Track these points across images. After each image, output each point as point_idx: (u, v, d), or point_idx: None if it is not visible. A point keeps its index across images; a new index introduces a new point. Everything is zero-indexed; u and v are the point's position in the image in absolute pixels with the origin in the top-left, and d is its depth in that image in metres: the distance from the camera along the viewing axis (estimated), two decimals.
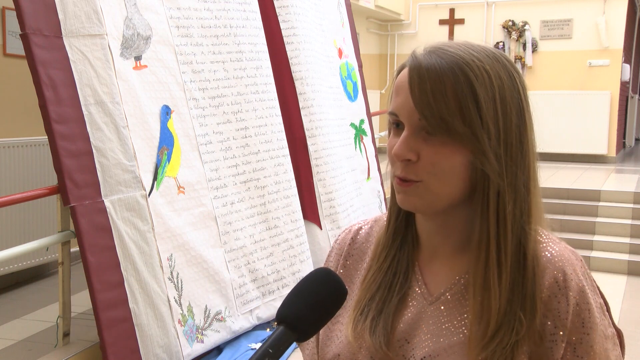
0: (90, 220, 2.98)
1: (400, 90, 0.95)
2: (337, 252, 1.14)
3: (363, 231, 1.13)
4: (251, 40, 4.08)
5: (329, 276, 0.89)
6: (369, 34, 10.20)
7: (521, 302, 0.92)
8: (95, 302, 2.94)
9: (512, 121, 0.93)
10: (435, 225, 1.01)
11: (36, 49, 2.91)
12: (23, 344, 3.58)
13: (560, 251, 0.97)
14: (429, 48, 0.94)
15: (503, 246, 0.93)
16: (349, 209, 4.83)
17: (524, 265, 0.94)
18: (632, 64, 11.25)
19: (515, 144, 0.93)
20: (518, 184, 0.94)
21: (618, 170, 8.76)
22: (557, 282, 0.94)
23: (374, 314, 1.00)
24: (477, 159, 0.91)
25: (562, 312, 0.93)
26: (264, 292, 3.88)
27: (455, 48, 0.93)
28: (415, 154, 0.93)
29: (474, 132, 0.90)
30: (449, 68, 0.90)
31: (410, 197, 0.95)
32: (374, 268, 1.05)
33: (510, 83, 0.94)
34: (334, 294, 0.88)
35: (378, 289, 1.02)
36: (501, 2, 10.00)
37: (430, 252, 1.03)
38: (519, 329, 0.91)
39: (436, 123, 0.90)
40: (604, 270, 5.80)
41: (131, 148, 3.18)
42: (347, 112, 5.25)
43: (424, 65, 0.91)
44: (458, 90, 0.90)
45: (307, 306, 0.85)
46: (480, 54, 0.93)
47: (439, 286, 1.00)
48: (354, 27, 5.79)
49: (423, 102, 0.90)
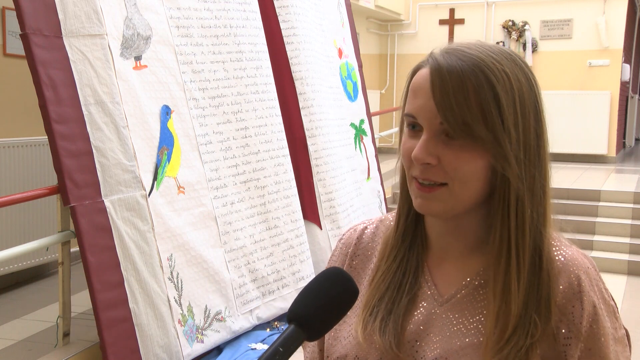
0: (90, 220, 2.98)
1: (419, 91, 0.93)
2: (342, 252, 1.13)
3: (369, 231, 1.12)
4: (251, 40, 4.08)
5: (341, 275, 0.89)
6: (369, 34, 10.20)
7: (536, 305, 0.92)
8: (95, 302, 2.94)
9: (531, 124, 0.92)
10: (447, 227, 1.00)
11: (36, 49, 2.91)
12: (23, 344, 3.58)
13: (573, 255, 0.97)
14: (447, 50, 0.93)
15: (521, 250, 0.92)
16: (349, 209, 4.83)
17: (539, 268, 0.93)
18: (632, 64, 11.25)
19: (533, 146, 0.93)
20: (536, 187, 0.94)
21: (618, 170, 8.76)
22: (572, 286, 0.93)
23: (383, 314, 0.99)
24: (499, 163, 0.90)
25: (577, 317, 0.92)
26: (264, 292, 3.88)
27: (474, 49, 0.92)
28: (435, 158, 0.91)
29: (495, 137, 0.89)
30: (471, 70, 0.89)
31: (431, 202, 0.94)
32: (382, 268, 1.04)
33: (527, 85, 0.93)
34: (345, 293, 0.87)
35: (387, 290, 1.01)
36: (501, 2, 10.00)
37: (440, 253, 1.02)
38: (533, 332, 0.90)
39: (458, 127, 0.89)
40: (604, 270, 5.79)
41: (131, 148, 3.18)
42: (347, 112, 5.25)
43: (445, 67, 0.90)
44: (480, 94, 0.88)
45: (319, 305, 0.84)
46: (499, 56, 0.92)
47: (449, 287, 1.00)
48: (354, 27, 5.79)
49: (445, 105, 0.89)
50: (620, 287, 5.38)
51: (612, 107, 9.53)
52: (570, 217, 6.44)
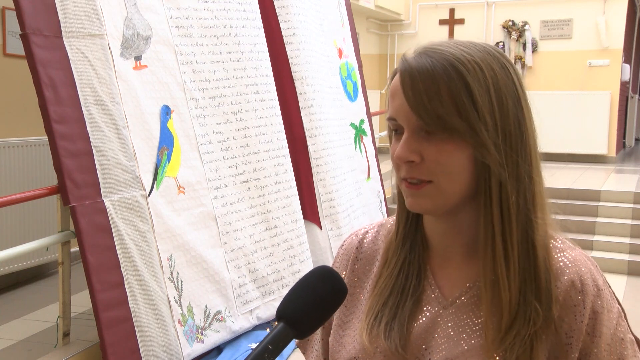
0: (90, 220, 2.98)
1: (395, 94, 0.95)
2: (344, 258, 1.13)
3: (370, 235, 1.12)
4: (251, 40, 4.08)
5: (329, 274, 0.89)
6: (369, 34, 10.20)
7: (535, 292, 0.92)
8: (95, 302, 2.94)
9: (510, 110, 0.93)
10: (444, 226, 1.00)
11: (36, 49, 2.91)
12: (23, 344, 3.58)
13: (576, 257, 0.97)
14: (419, 49, 0.95)
15: (509, 237, 0.92)
16: (349, 209, 4.83)
17: (534, 255, 0.93)
18: (632, 64, 11.25)
19: (514, 132, 0.93)
20: (520, 173, 0.93)
21: (618, 170, 8.76)
22: (575, 286, 0.94)
23: (387, 318, 0.99)
24: (478, 151, 0.91)
25: (579, 316, 0.93)
26: (264, 292, 3.88)
27: (445, 46, 0.93)
28: (418, 155, 0.92)
29: (471, 126, 0.90)
30: (440, 66, 0.90)
31: (420, 199, 0.95)
32: (385, 275, 1.04)
33: (503, 73, 0.93)
34: (334, 291, 0.88)
35: (390, 294, 1.01)
36: (501, 2, 10.00)
37: (441, 254, 1.02)
38: (535, 319, 0.91)
39: (433, 122, 0.90)
40: (604, 270, 5.75)
41: (131, 148, 3.18)
42: (347, 112, 5.25)
43: (414, 67, 0.91)
44: (451, 87, 0.89)
45: (307, 303, 0.85)
46: (470, 49, 0.93)
47: (453, 290, 1.00)
48: (354, 27, 5.79)
49: (418, 103, 0.90)
50: (620, 287, 5.38)
51: (612, 107, 9.53)
52: (570, 217, 6.44)
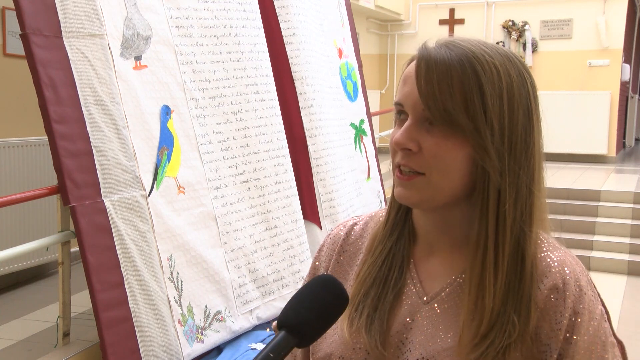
0: (90, 220, 2.98)
1: (407, 80, 0.94)
2: (330, 247, 1.13)
3: (358, 227, 1.12)
4: (251, 40, 4.08)
5: (332, 282, 0.89)
6: (369, 34, 10.20)
7: (516, 305, 0.91)
8: (95, 302, 2.94)
9: (519, 121, 0.92)
10: (433, 221, 1.00)
11: (36, 49, 2.91)
12: (23, 344, 3.58)
13: (561, 257, 0.96)
14: (441, 41, 0.94)
15: (501, 245, 0.92)
16: (349, 209, 4.83)
17: (521, 267, 0.92)
18: (632, 64, 11.25)
19: (520, 143, 0.92)
20: (520, 184, 0.92)
21: (618, 170, 8.76)
22: (557, 288, 0.93)
23: (368, 310, 0.99)
24: (478, 154, 0.90)
25: (559, 317, 0.92)
26: (264, 292, 3.88)
27: (467, 42, 0.92)
28: (416, 145, 0.92)
29: (476, 127, 0.89)
30: (458, 60, 0.90)
31: (408, 191, 0.94)
32: (368, 262, 1.03)
33: (519, 82, 0.92)
34: (335, 300, 0.88)
35: (372, 284, 1.01)
36: (501, 2, 10.00)
37: (426, 248, 1.02)
38: (511, 332, 0.89)
39: (439, 114, 0.89)
40: (604, 270, 5.80)
41: (131, 148, 3.18)
42: (347, 112, 5.25)
43: (432, 56, 0.91)
44: (465, 83, 0.89)
45: (309, 312, 0.85)
46: (492, 51, 0.92)
47: (434, 285, 0.99)
48: (354, 27, 5.79)
49: (428, 92, 0.90)
50: (620, 287, 5.38)
51: (612, 107, 9.53)
52: (570, 217, 6.45)
